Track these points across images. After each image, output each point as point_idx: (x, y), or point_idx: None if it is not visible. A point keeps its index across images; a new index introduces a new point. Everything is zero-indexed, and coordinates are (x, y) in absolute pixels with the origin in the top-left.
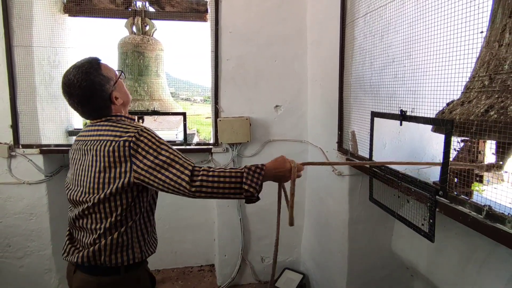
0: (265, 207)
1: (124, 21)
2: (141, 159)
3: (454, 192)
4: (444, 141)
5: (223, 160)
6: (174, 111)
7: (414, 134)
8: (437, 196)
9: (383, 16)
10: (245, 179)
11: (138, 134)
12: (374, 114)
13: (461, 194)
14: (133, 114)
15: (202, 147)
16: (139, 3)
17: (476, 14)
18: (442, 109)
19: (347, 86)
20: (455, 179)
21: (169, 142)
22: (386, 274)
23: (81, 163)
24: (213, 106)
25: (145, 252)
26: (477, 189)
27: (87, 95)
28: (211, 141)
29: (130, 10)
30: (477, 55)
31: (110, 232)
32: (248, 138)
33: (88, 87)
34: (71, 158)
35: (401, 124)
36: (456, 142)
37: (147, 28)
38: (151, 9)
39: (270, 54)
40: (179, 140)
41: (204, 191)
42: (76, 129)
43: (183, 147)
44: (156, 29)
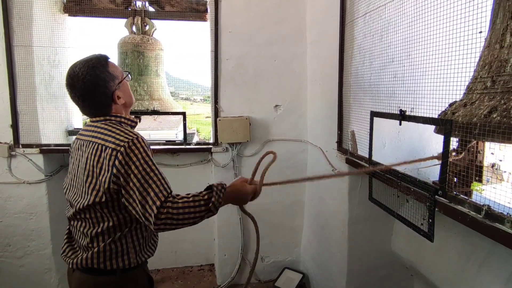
0: (264, 207)
1: (124, 20)
2: (122, 172)
3: (454, 191)
4: (443, 141)
5: (223, 159)
6: (174, 111)
7: (413, 134)
8: (436, 195)
9: (383, 15)
10: (213, 198)
11: (128, 145)
12: (374, 114)
13: (460, 193)
14: (133, 113)
15: (202, 147)
16: (139, 3)
17: (475, 14)
18: (444, 109)
19: (347, 85)
20: (455, 179)
21: (169, 142)
22: (385, 274)
23: (77, 164)
24: (213, 106)
25: (140, 257)
26: (476, 188)
27: (90, 89)
28: (211, 140)
29: (130, 9)
30: (476, 55)
31: (103, 237)
32: (248, 137)
33: (91, 81)
34: (70, 156)
35: (400, 123)
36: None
37: (147, 27)
38: (151, 8)
39: (270, 54)
40: (179, 139)
41: (167, 229)
42: (76, 128)
43: (183, 147)
44: (155, 28)
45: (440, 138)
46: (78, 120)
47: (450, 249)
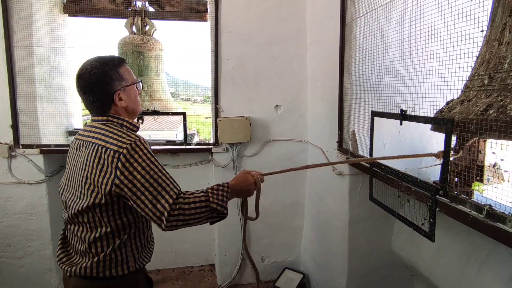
0: (265, 207)
1: (124, 21)
2: (126, 175)
3: (455, 191)
4: (444, 140)
5: (223, 160)
6: (174, 111)
7: (414, 134)
8: (437, 195)
9: (383, 15)
10: (211, 199)
11: (130, 146)
12: (374, 114)
13: (461, 193)
14: None
15: (202, 147)
16: (139, 3)
17: (476, 13)
18: (441, 108)
19: (347, 85)
20: (456, 179)
21: (169, 142)
22: (386, 274)
23: (75, 164)
24: (213, 106)
25: (139, 263)
26: (477, 188)
27: (93, 82)
28: (211, 141)
29: (130, 10)
30: (477, 54)
31: (101, 244)
32: (248, 138)
33: (96, 75)
34: (68, 156)
35: (401, 123)
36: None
37: (147, 28)
38: (151, 9)
39: (270, 54)
40: (179, 140)
41: (179, 226)
42: (76, 129)
43: (183, 147)
44: (156, 29)
45: (440, 137)
46: (78, 120)
47: (451, 249)
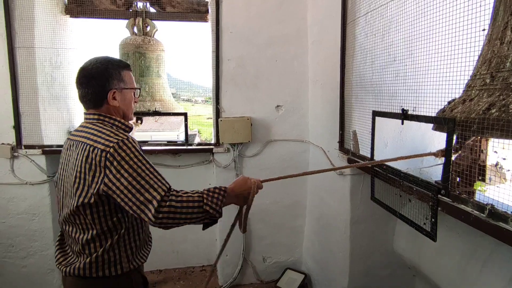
0: (265, 207)
1: (125, 22)
2: (114, 173)
3: (457, 191)
4: (446, 139)
5: (225, 160)
6: (175, 112)
7: (416, 133)
8: (439, 195)
9: (384, 15)
10: (206, 200)
11: (117, 145)
12: (376, 114)
13: (463, 193)
14: (134, 114)
15: (203, 147)
16: (140, 4)
17: (477, 12)
18: (443, 107)
19: (348, 85)
20: (458, 178)
21: (170, 143)
22: (388, 274)
23: (66, 164)
24: (214, 106)
25: (134, 264)
26: (479, 188)
27: (91, 76)
28: (213, 141)
29: (131, 11)
30: (478, 53)
31: (94, 245)
32: (249, 138)
33: (97, 69)
34: (61, 156)
35: (402, 123)
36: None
37: (148, 28)
38: (152, 9)
39: (271, 54)
40: (180, 140)
41: (170, 223)
42: None
43: (185, 147)
44: (157, 29)
45: (442, 136)
46: (79, 121)
47: (453, 248)
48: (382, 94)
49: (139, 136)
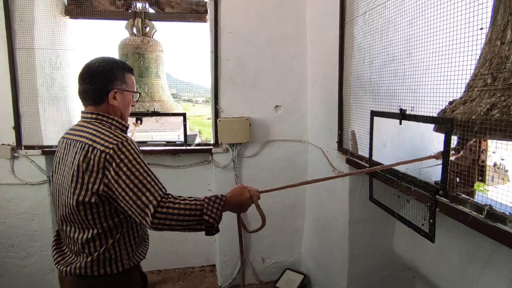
0: (265, 208)
1: (124, 22)
2: (113, 175)
3: (456, 192)
4: (444, 140)
5: (224, 160)
6: (175, 112)
7: (415, 134)
8: (437, 195)
9: (383, 14)
10: (205, 210)
11: (117, 147)
12: (374, 113)
13: (463, 194)
14: (133, 115)
15: (202, 148)
16: (139, 5)
17: (476, 10)
18: (444, 108)
19: (347, 85)
20: (457, 179)
21: (169, 143)
22: (387, 275)
23: (64, 163)
24: (213, 107)
25: (133, 261)
26: (480, 188)
27: (98, 73)
28: (212, 141)
29: (130, 11)
30: (478, 53)
31: (94, 244)
32: (248, 138)
33: (103, 67)
34: (56, 156)
35: (400, 123)
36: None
37: (147, 29)
38: (151, 10)
39: (270, 54)
40: (180, 140)
41: (166, 225)
42: None
43: (184, 148)
44: (156, 30)
45: (441, 137)
46: None
47: (452, 249)
48: (381, 94)
49: (140, 136)
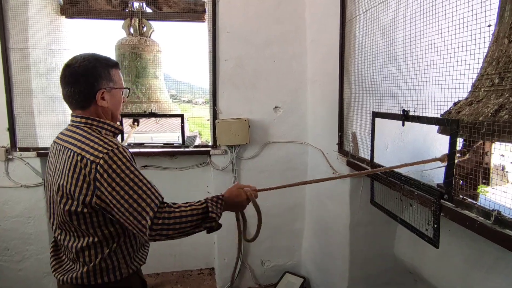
0: (264, 210)
1: (121, 22)
2: (106, 186)
3: (460, 195)
4: (449, 142)
5: (222, 162)
6: (172, 113)
7: (417, 135)
8: (441, 200)
9: (385, 12)
10: (211, 208)
11: (107, 155)
12: (375, 114)
13: (466, 197)
14: (130, 116)
15: (200, 150)
16: (136, 4)
17: (482, 7)
18: (448, 109)
19: (348, 85)
20: (460, 182)
21: (167, 145)
22: (388, 279)
23: (54, 169)
24: (211, 108)
25: (132, 267)
26: (485, 191)
27: (81, 73)
28: (210, 143)
29: (127, 11)
30: (484, 52)
31: (89, 253)
32: (247, 140)
33: (87, 67)
34: (48, 161)
35: (403, 124)
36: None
37: (145, 29)
38: (148, 10)
39: (269, 54)
40: (178, 142)
41: (164, 235)
42: None
43: (182, 149)
44: (153, 30)
45: (444, 138)
46: None
47: (456, 253)
48: (382, 95)
49: (139, 137)
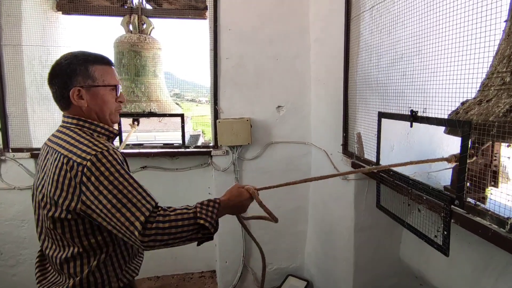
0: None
1: (120, 19)
2: (92, 190)
3: (467, 198)
4: (460, 144)
5: (223, 163)
6: (172, 113)
7: (423, 136)
8: (452, 205)
9: (391, 9)
10: (199, 214)
11: (95, 158)
12: (382, 115)
13: (474, 199)
14: (129, 116)
15: (201, 150)
16: (136, 0)
17: (493, 2)
18: (456, 108)
19: (353, 85)
20: (467, 183)
21: (167, 145)
22: (393, 283)
23: (41, 173)
24: (212, 107)
25: (125, 281)
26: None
27: (56, 73)
28: (211, 143)
29: (126, 7)
30: (494, 49)
31: (75, 265)
32: (249, 140)
33: (61, 66)
34: (37, 163)
35: (411, 125)
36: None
37: (144, 26)
38: (148, 6)
39: (272, 53)
40: (178, 142)
41: (158, 241)
42: None
43: (182, 150)
44: (153, 27)
45: (451, 139)
46: None
47: (464, 258)
48: (389, 94)
49: (142, 136)
